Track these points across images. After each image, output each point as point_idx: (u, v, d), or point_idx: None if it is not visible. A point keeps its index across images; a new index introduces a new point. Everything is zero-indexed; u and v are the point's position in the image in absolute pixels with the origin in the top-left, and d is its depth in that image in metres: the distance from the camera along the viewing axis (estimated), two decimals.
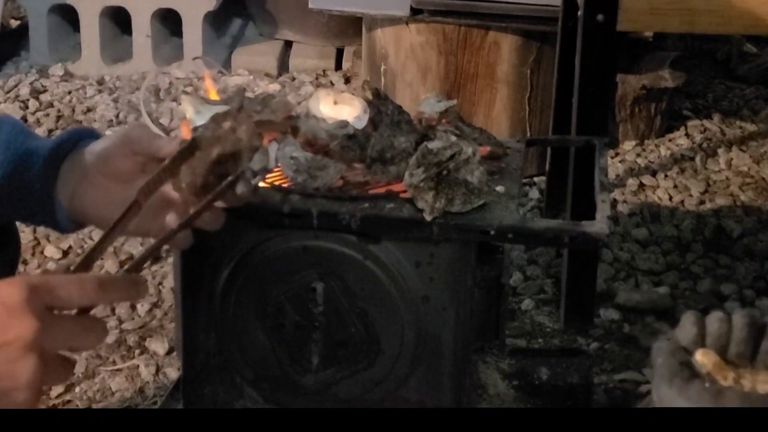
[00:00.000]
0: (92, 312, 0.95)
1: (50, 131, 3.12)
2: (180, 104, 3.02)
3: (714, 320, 1.00)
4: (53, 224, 1.22)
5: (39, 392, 0.90)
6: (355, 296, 1.51)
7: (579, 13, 2.07)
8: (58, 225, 1.21)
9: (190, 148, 1.10)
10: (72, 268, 1.02)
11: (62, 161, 1.19)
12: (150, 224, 1.18)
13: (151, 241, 1.13)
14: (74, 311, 0.94)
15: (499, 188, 1.55)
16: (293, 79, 3.53)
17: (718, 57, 3.75)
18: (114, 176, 1.19)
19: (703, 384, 0.94)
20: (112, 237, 1.05)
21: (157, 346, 2.16)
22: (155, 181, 1.08)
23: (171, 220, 1.17)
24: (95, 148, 1.20)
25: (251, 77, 3.48)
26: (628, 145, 3.11)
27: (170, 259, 2.31)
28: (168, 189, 1.14)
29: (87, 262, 1.02)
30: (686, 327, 1.01)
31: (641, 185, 2.90)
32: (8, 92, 3.36)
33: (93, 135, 1.25)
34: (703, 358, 0.98)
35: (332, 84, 3.50)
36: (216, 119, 1.13)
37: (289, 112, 1.61)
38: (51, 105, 3.30)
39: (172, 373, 2.08)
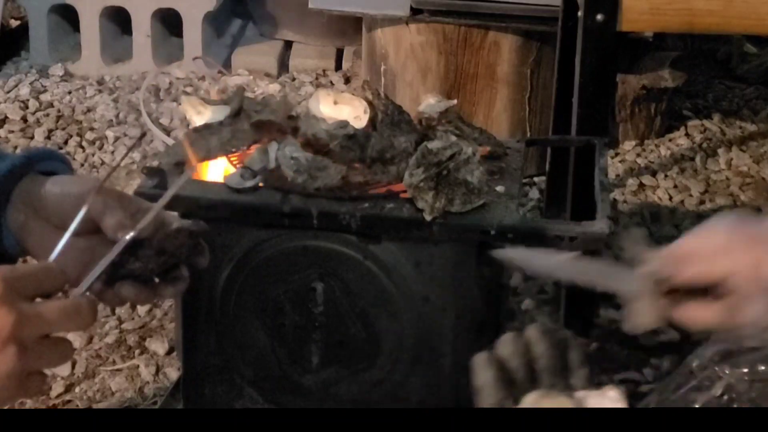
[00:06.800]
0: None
1: (50, 131, 3.12)
2: (180, 104, 3.02)
3: (507, 340, 0.97)
4: (1, 249, 1.20)
5: (20, 386, 0.89)
6: (355, 296, 1.51)
7: (579, 13, 2.07)
8: (5, 250, 1.19)
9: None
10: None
11: (13, 187, 1.16)
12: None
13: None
14: (60, 295, 0.94)
15: (499, 188, 1.55)
16: (293, 79, 3.52)
17: (718, 57, 3.74)
18: (62, 227, 1.14)
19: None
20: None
21: (157, 346, 2.16)
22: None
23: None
24: (54, 190, 1.13)
25: (251, 77, 3.48)
26: (628, 145, 3.11)
27: None
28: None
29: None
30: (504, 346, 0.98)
31: (641, 185, 2.90)
32: (8, 92, 3.35)
33: (53, 156, 1.20)
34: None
35: (332, 84, 3.49)
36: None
37: (289, 112, 1.61)
38: (51, 105, 3.29)
39: (172, 373, 2.07)
